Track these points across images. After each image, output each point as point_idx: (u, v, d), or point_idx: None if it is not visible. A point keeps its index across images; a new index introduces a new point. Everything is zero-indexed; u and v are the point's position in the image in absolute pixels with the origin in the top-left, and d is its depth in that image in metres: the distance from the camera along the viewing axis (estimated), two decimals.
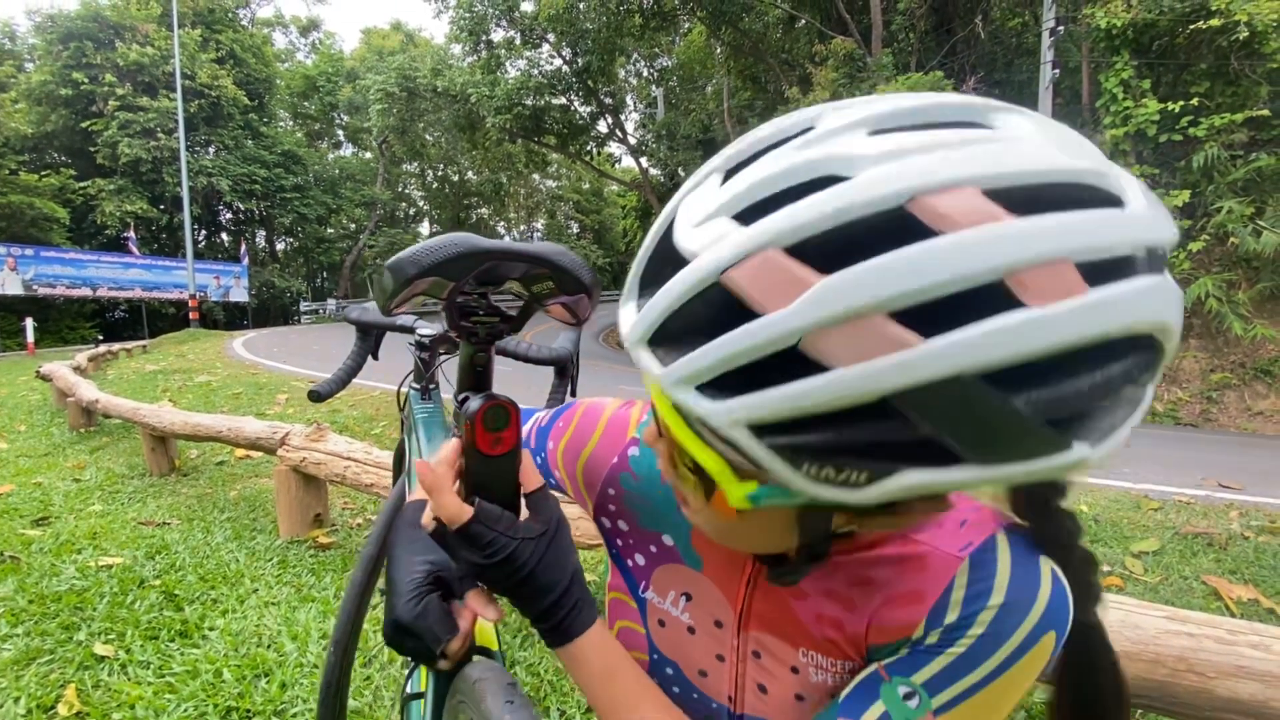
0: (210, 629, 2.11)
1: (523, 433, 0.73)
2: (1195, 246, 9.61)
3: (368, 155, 37.86)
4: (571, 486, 0.68)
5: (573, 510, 1.98)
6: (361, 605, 1.05)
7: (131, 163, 23.77)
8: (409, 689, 0.76)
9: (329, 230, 33.89)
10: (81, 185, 23.52)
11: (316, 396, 1.19)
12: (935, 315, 0.28)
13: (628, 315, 0.37)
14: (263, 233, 32.72)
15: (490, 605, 0.57)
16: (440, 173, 38.84)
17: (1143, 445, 6.42)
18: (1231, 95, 9.67)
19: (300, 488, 2.93)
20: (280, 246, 33.70)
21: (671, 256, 0.34)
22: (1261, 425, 9.14)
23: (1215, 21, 9.01)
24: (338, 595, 2.34)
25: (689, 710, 0.56)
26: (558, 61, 17.44)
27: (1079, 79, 11.81)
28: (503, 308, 0.64)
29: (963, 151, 0.29)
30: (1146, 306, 0.29)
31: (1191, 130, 9.57)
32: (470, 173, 37.54)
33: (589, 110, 18.85)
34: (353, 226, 35.29)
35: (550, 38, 16.65)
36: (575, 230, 47.31)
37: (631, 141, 19.53)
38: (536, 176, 39.15)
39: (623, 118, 20.49)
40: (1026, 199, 0.28)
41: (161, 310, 25.45)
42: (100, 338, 20.43)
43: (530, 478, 0.55)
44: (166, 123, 23.69)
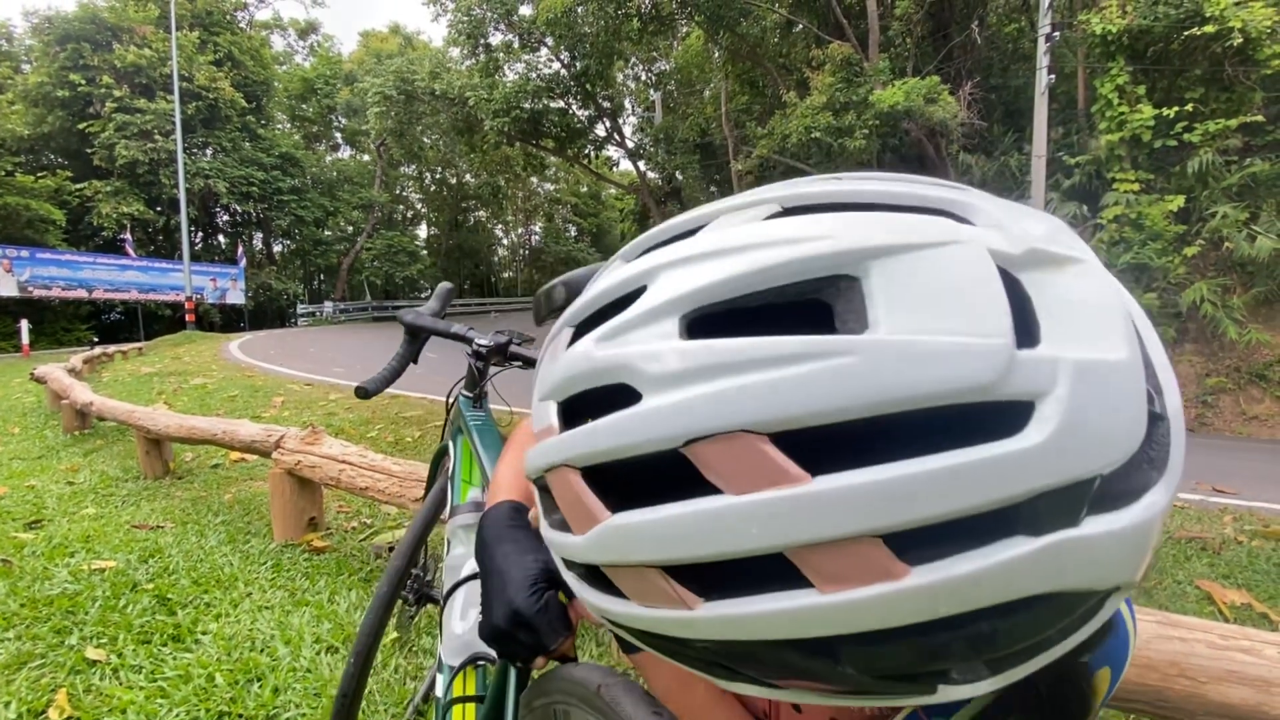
0: (203, 633, 2.10)
1: None
2: (1190, 252, 9.64)
3: (365, 158, 37.84)
4: None
5: None
6: (385, 617, 1.05)
7: (128, 164, 23.72)
8: (446, 694, 0.76)
9: (326, 233, 33.82)
10: (78, 187, 23.45)
11: (364, 393, 1.21)
12: (715, 581, 0.25)
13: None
14: (260, 235, 32.65)
15: None
16: (438, 175, 38.82)
17: None
18: (1226, 101, 9.72)
19: (295, 491, 2.92)
20: (277, 249, 33.63)
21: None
22: (1256, 429, 9.17)
23: (1209, 28, 9.07)
24: (332, 599, 2.34)
25: None
26: (556, 65, 17.45)
27: (1074, 84, 11.87)
28: None
29: (765, 376, 0.23)
30: (989, 587, 0.24)
31: (1186, 136, 9.62)
32: (468, 175, 37.51)
33: (587, 114, 18.85)
34: (350, 229, 35.24)
35: (548, 41, 16.67)
36: (573, 233, 47.34)
37: (629, 145, 19.54)
38: (534, 179, 39.11)
39: (621, 121, 20.51)
40: (843, 445, 0.22)
41: (158, 312, 25.37)
42: (96, 340, 20.36)
43: None
44: (164, 125, 23.65)
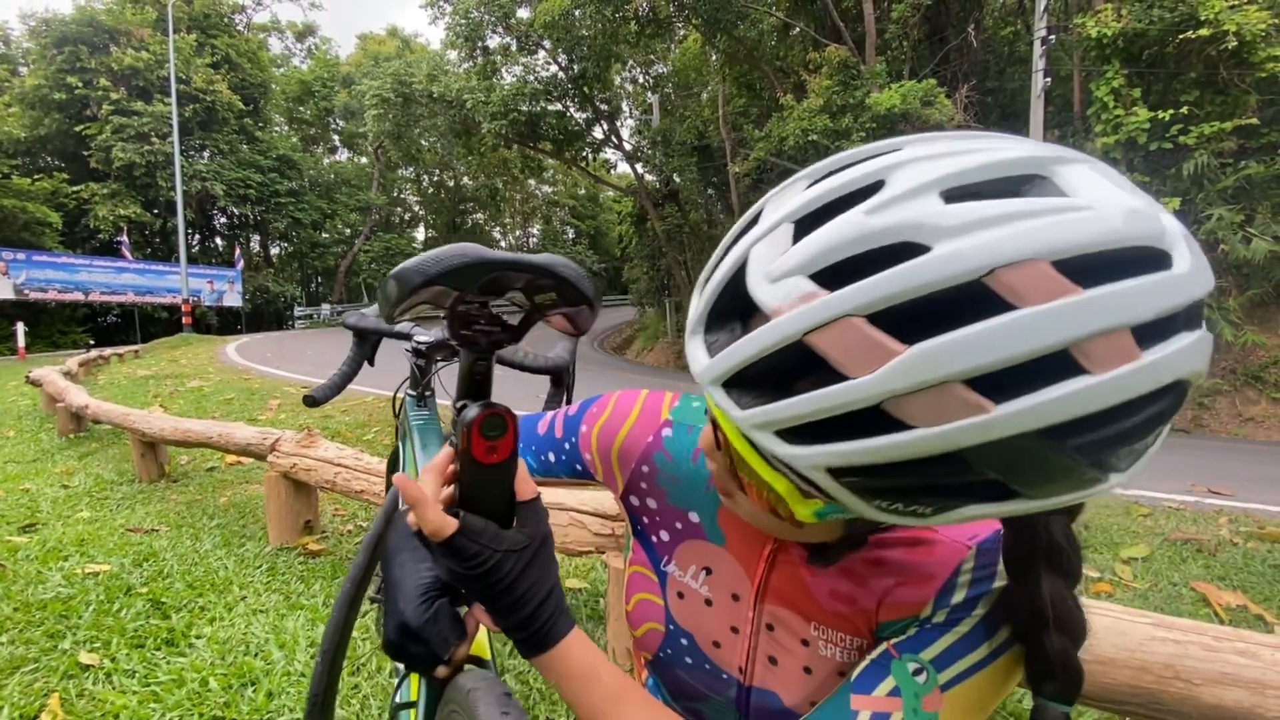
0: (197, 637, 2.10)
1: (519, 440, 0.74)
2: None
3: (363, 160, 37.85)
4: (603, 467, 0.70)
5: (562, 519, 1.97)
6: (351, 615, 1.04)
7: (125, 167, 23.71)
8: (398, 698, 0.75)
9: (324, 235, 33.82)
10: (75, 189, 23.44)
11: (312, 401, 1.19)
12: (1007, 382, 0.30)
13: (697, 350, 0.39)
14: (257, 237, 32.65)
15: None
16: (436, 178, 38.85)
17: None
18: (1221, 104, 9.76)
19: (290, 494, 2.91)
20: (275, 251, 33.62)
21: (744, 303, 0.37)
22: (1252, 431, 9.19)
23: (1204, 31, 9.11)
24: (327, 603, 2.33)
25: (700, 680, 0.60)
26: (553, 68, 17.47)
27: (1070, 87, 11.92)
28: (504, 317, 0.65)
29: (1033, 223, 0.30)
30: (1188, 362, 0.31)
31: (1181, 138, 9.66)
32: (466, 178, 37.54)
33: (585, 116, 18.85)
34: (348, 231, 35.24)
35: (546, 44, 16.68)
36: (571, 236, 47.35)
37: (627, 147, 19.54)
38: (532, 182, 39.14)
39: (618, 124, 20.50)
40: (1089, 269, 0.30)
41: (154, 315, 25.34)
42: (92, 342, 20.32)
43: (524, 487, 0.55)
44: (161, 127, 23.65)
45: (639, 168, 19.05)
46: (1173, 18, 9.44)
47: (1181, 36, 9.38)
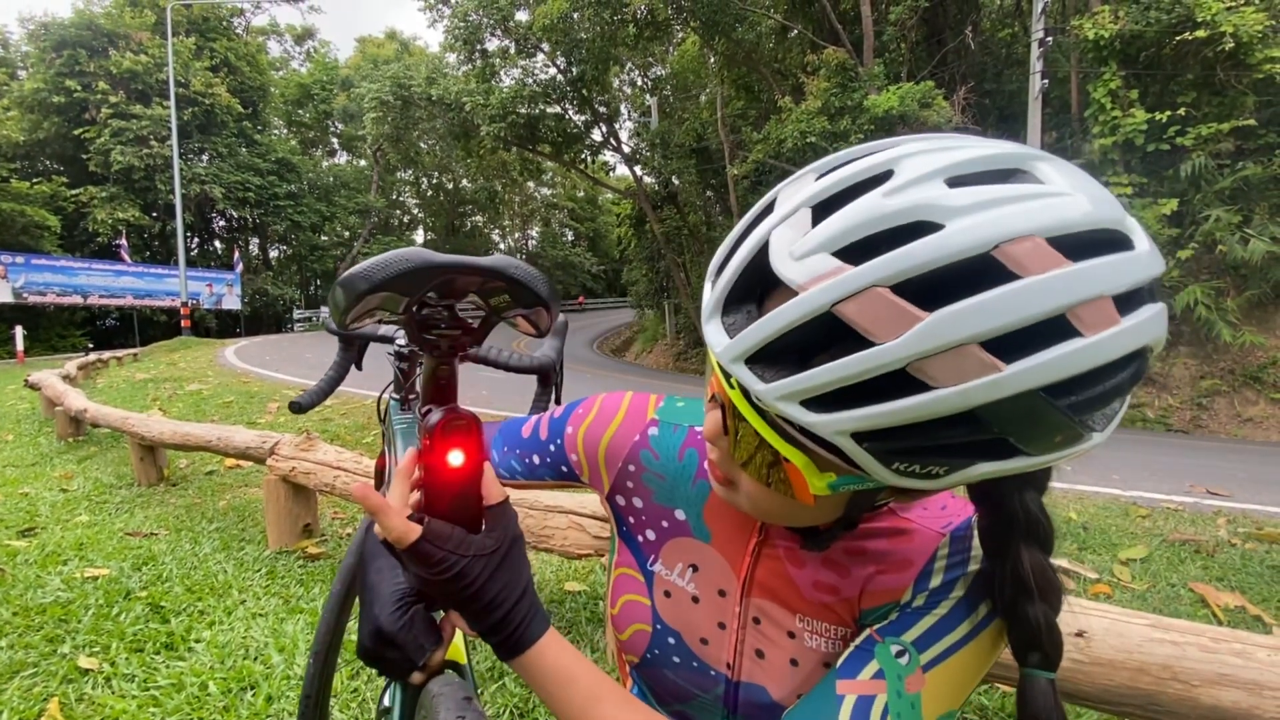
0: (196, 641, 2.09)
1: (485, 444, 0.74)
2: (1184, 255, 9.69)
3: (362, 163, 37.85)
4: (589, 468, 0.70)
5: (561, 521, 1.98)
6: (342, 616, 1.04)
7: (124, 170, 23.71)
8: (385, 703, 0.75)
9: (323, 238, 33.81)
10: (73, 193, 23.44)
11: (298, 408, 1.19)
12: (1016, 344, 0.34)
13: (715, 333, 0.41)
14: (256, 240, 32.65)
15: None
16: (435, 180, 38.87)
17: (1133, 452, 6.45)
18: (1218, 105, 9.79)
19: (289, 497, 2.91)
20: (273, 254, 33.63)
21: (763, 284, 0.40)
22: (1251, 431, 9.20)
23: (1201, 33, 9.13)
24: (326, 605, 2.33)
25: (688, 679, 0.60)
26: (552, 70, 17.47)
27: (1068, 89, 11.94)
28: (467, 320, 0.64)
29: (1028, 205, 0.35)
30: (1154, 329, 0.36)
31: (1179, 140, 9.68)
32: (465, 181, 37.57)
33: (583, 119, 18.86)
34: (347, 234, 35.24)
35: (545, 47, 16.69)
36: (570, 238, 47.37)
37: (626, 150, 19.55)
38: (531, 184, 39.19)
39: (617, 126, 20.50)
40: (1074, 245, 0.34)
41: (153, 318, 25.32)
42: (91, 346, 20.32)
43: (492, 490, 0.55)
44: (160, 130, 23.65)
45: (638, 170, 19.06)
46: (1170, 19, 9.46)
47: (1179, 38, 9.40)
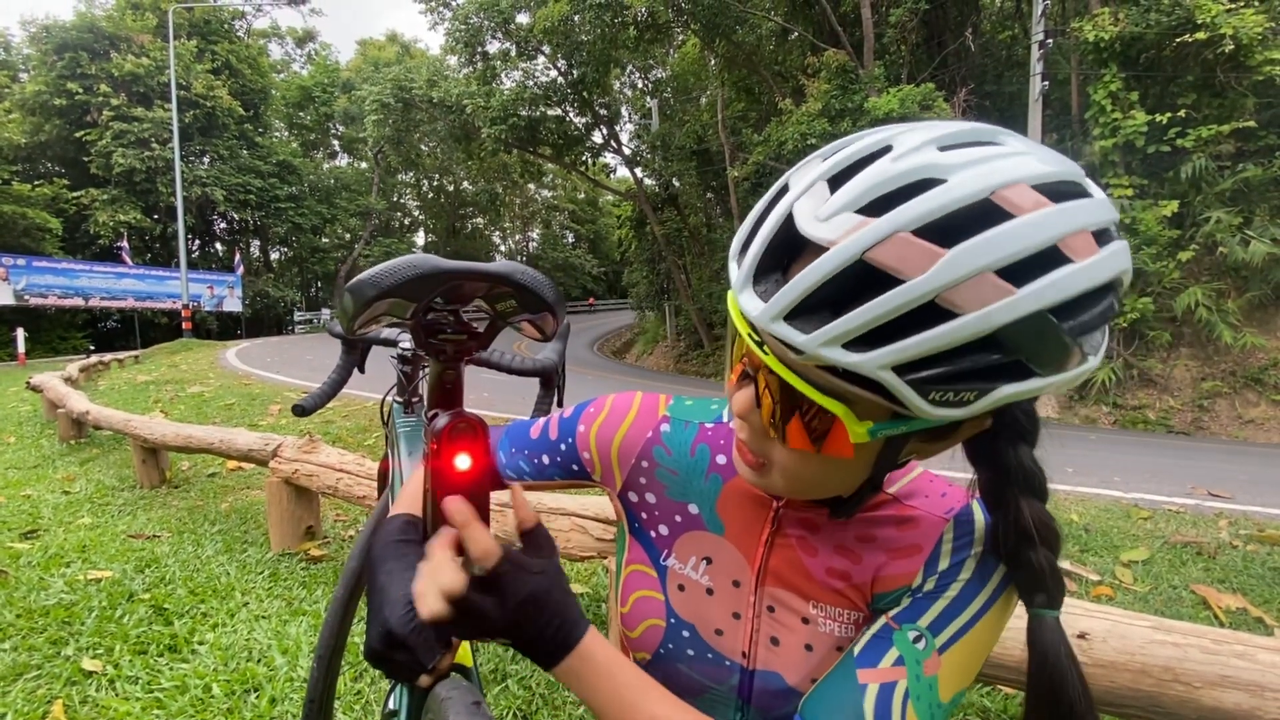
0: (200, 643, 2.10)
1: (491, 447, 0.74)
2: (1184, 256, 9.69)
3: (363, 165, 37.89)
4: (602, 465, 0.71)
5: (563, 523, 1.98)
6: (346, 619, 1.04)
7: (125, 173, 23.74)
8: (390, 705, 0.75)
9: (324, 240, 33.84)
10: (75, 195, 23.47)
11: (301, 411, 1.19)
12: (1022, 270, 0.39)
13: (749, 301, 0.44)
14: (257, 242, 32.67)
15: None
16: (435, 183, 38.92)
17: (1134, 454, 6.45)
18: (1218, 107, 9.79)
19: (292, 500, 2.92)
20: (275, 256, 33.65)
21: (790, 252, 0.44)
22: (1252, 433, 9.19)
23: (1201, 34, 9.14)
24: (329, 608, 2.33)
25: (703, 671, 0.61)
26: (553, 73, 17.49)
27: (1068, 91, 11.94)
28: (472, 324, 0.65)
29: (1010, 160, 0.41)
30: (1123, 260, 0.42)
31: (1179, 141, 9.68)
32: (465, 183, 37.60)
33: (584, 121, 18.88)
34: (348, 236, 35.28)
35: (545, 50, 16.71)
36: (571, 240, 47.40)
37: (626, 152, 19.56)
38: (532, 186, 39.26)
39: (617, 129, 20.50)
40: (1053, 192, 0.40)
41: (154, 320, 25.34)
42: (92, 348, 20.33)
43: (525, 514, 0.54)
44: (161, 133, 23.69)
45: (638, 172, 19.08)
46: (1170, 21, 9.47)
47: (1179, 40, 9.41)
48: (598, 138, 19.56)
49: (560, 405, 1.19)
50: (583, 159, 20.36)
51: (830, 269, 0.40)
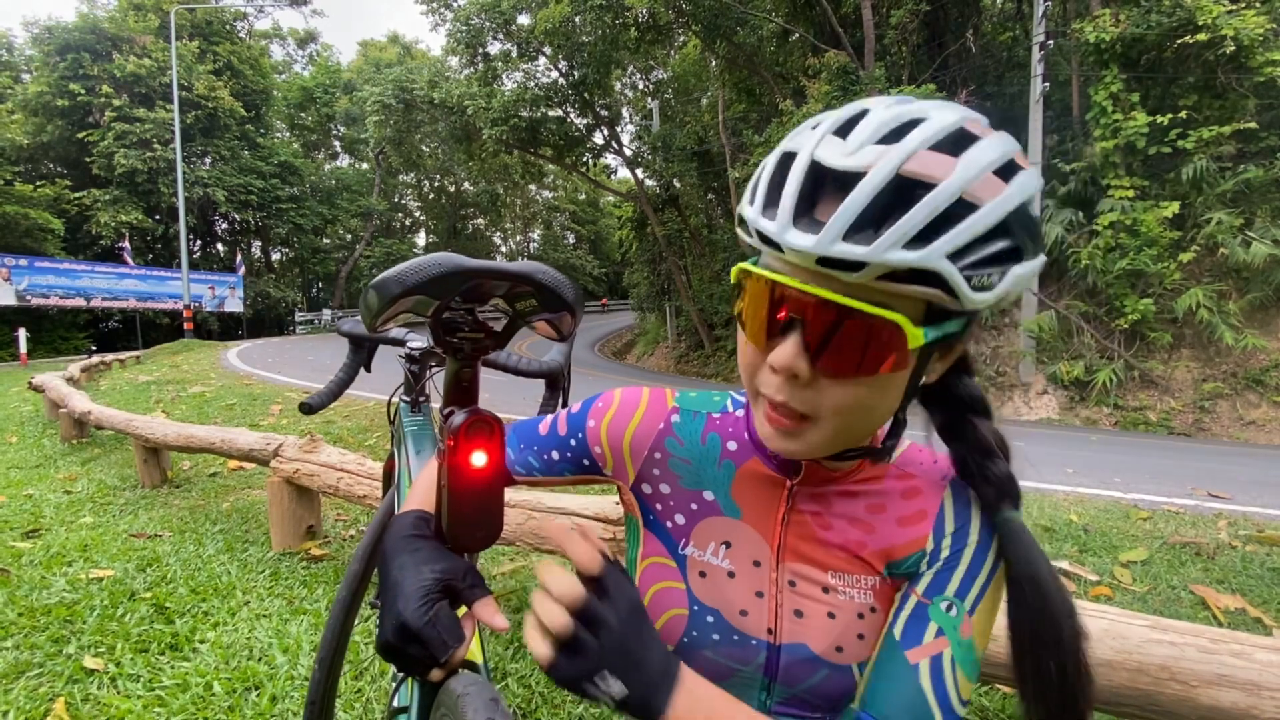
0: (201, 642, 2.11)
1: (511, 445, 0.74)
2: (1185, 257, 9.68)
3: (364, 166, 37.95)
4: (614, 459, 0.71)
5: (564, 523, 1.99)
6: (348, 621, 1.05)
7: (127, 173, 23.79)
8: (396, 702, 0.76)
9: (325, 240, 33.90)
10: (77, 195, 23.52)
11: (308, 409, 1.20)
12: (1004, 172, 0.48)
13: (797, 238, 0.48)
14: (258, 243, 32.71)
15: (499, 615, 0.58)
16: (437, 183, 38.95)
17: (1135, 455, 6.45)
18: (1219, 108, 9.79)
19: (293, 499, 2.93)
20: (276, 257, 33.69)
21: (815, 195, 0.49)
22: (1254, 435, 9.19)
23: (1202, 36, 9.14)
24: (329, 607, 2.34)
25: (729, 654, 0.62)
26: (554, 74, 17.53)
27: (1069, 92, 11.95)
28: (489, 324, 0.65)
29: (959, 111, 0.50)
30: (1034, 182, 0.50)
31: (1180, 143, 9.67)
32: (467, 184, 37.62)
33: (585, 122, 18.92)
34: (349, 237, 35.33)
35: (546, 51, 16.75)
36: (572, 241, 47.43)
37: (627, 153, 19.60)
38: (533, 187, 39.29)
39: (618, 130, 20.55)
40: (987, 129, 0.51)
41: (156, 320, 25.39)
42: (94, 348, 20.35)
43: (590, 561, 0.49)
44: (163, 134, 23.74)
45: (639, 173, 19.10)
46: (1170, 22, 9.47)
47: (1179, 41, 9.41)
48: (599, 139, 19.61)
49: (565, 405, 1.19)
50: (584, 160, 20.38)
51: (875, 185, 0.46)
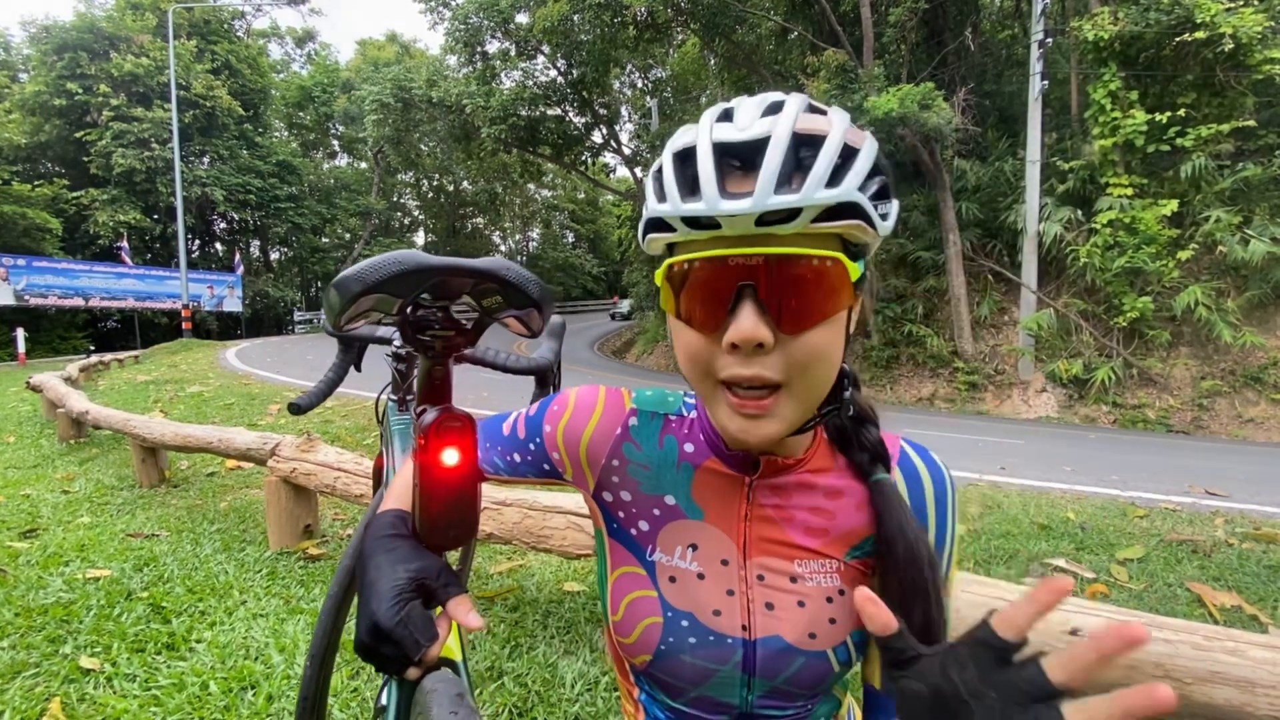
0: (197, 641, 2.11)
1: (479, 442, 0.74)
2: (1184, 255, 9.69)
3: (363, 165, 37.90)
4: (572, 466, 0.70)
5: (559, 521, 1.98)
6: (340, 618, 1.04)
7: (125, 173, 23.76)
8: (382, 701, 0.76)
9: (324, 240, 33.87)
10: (75, 195, 23.48)
11: (297, 409, 1.20)
12: (855, 130, 0.54)
13: (733, 202, 0.50)
14: (257, 242, 32.69)
15: (472, 613, 0.58)
16: (435, 182, 38.90)
17: (1133, 453, 6.45)
18: (1218, 106, 9.79)
19: (290, 499, 2.93)
20: (275, 256, 33.66)
21: (729, 157, 0.52)
22: (1252, 432, 9.20)
23: (1201, 34, 9.14)
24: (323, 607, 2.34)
25: (706, 656, 0.62)
26: (552, 73, 17.51)
27: (1068, 90, 11.95)
28: (461, 321, 0.65)
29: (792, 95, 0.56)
30: (875, 143, 0.55)
31: (1179, 141, 9.68)
32: (465, 183, 37.60)
33: (584, 121, 18.90)
34: (347, 236, 35.29)
35: (545, 49, 16.72)
36: (571, 240, 47.39)
37: (626, 152, 19.60)
38: (532, 186, 39.22)
39: (617, 128, 20.56)
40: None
41: (154, 320, 25.35)
42: (92, 348, 20.35)
43: (885, 620, 0.49)
44: (161, 133, 23.70)
45: (638, 172, 19.08)
46: (1169, 20, 9.47)
47: (1178, 39, 9.41)
48: (597, 137, 19.59)
49: None
50: (582, 159, 20.37)
51: (783, 144, 0.50)
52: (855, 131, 0.54)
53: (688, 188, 0.52)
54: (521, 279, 0.60)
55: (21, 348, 17.17)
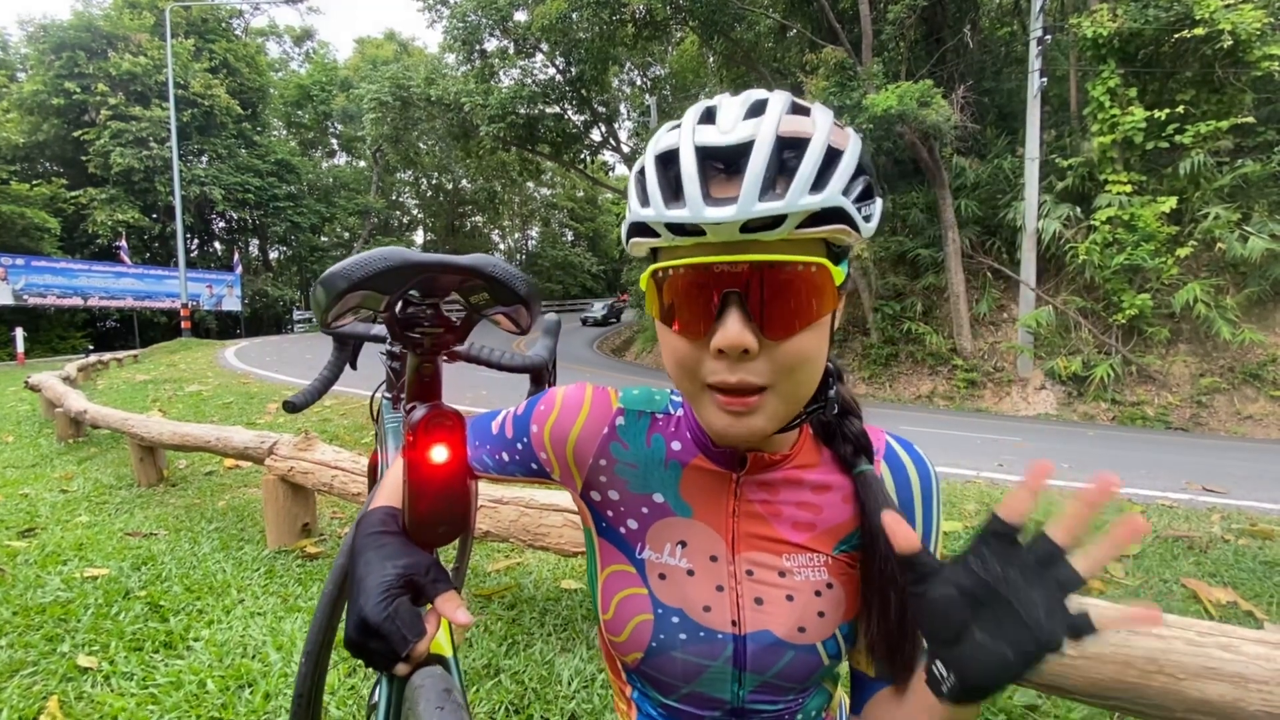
0: (195, 640, 2.11)
1: (469, 440, 0.74)
2: (1183, 252, 9.69)
3: (361, 164, 37.86)
4: (559, 466, 0.70)
5: (556, 519, 1.98)
6: (334, 615, 1.05)
7: (124, 172, 23.73)
8: (373, 698, 0.76)
9: (323, 239, 33.84)
10: (73, 195, 23.45)
11: (292, 408, 1.20)
12: (840, 130, 0.54)
13: (719, 211, 0.49)
14: (256, 241, 32.66)
15: (461, 609, 0.58)
16: (434, 181, 38.87)
17: (1131, 450, 6.46)
18: (1217, 103, 9.78)
19: (288, 497, 2.93)
20: (273, 255, 33.64)
21: (713, 161, 0.52)
22: (1251, 429, 9.21)
23: (1199, 30, 9.13)
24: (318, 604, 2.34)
25: (697, 651, 0.62)
26: (551, 71, 17.50)
27: (1067, 87, 11.94)
28: (449, 318, 0.65)
29: (776, 93, 0.56)
30: (859, 142, 0.55)
31: (1178, 137, 9.67)
32: (464, 181, 37.57)
33: (582, 119, 18.89)
34: (347, 235, 35.26)
35: (544, 47, 16.71)
36: (570, 238, 47.37)
37: (625, 150, 19.60)
38: (530, 185, 39.20)
39: (616, 126, 20.55)
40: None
41: (153, 320, 25.33)
42: (91, 347, 20.35)
43: (907, 541, 0.54)
44: (159, 132, 23.68)
45: None
46: (1168, 17, 9.46)
47: (1177, 36, 9.40)
48: (596, 135, 19.57)
49: None
50: (581, 157, 20.35)
51: (766, 148, 0.50)
52: (839, 131, 0.53)
53: (671, 192, 0.52)
54: (508, 275, 0.60)
55: (20, 347, 17.16)
